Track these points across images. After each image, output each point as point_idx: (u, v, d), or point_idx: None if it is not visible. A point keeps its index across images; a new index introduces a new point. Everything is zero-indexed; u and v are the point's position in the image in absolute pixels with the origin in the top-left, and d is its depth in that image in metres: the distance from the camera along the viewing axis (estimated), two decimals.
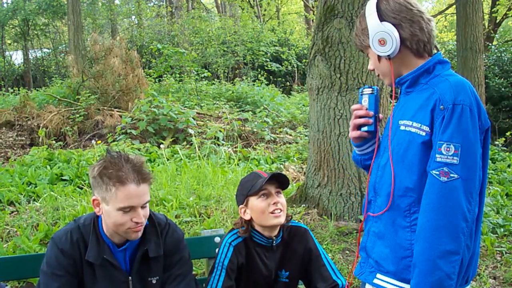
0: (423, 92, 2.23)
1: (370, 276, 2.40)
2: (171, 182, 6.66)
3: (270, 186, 2.91)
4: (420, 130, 2.16)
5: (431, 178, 2.10)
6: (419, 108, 2.20)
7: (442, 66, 2.28)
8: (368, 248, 2.43)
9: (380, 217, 2.35)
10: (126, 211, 2.49)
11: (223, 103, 14.74)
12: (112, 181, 2.46)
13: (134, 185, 2.46)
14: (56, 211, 5.71)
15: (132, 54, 14.72)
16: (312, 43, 6.02)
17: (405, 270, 2.23)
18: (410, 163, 2.19)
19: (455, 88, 2.13)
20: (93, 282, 2.63)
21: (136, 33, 28.58)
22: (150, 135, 10.93)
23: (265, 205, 2.90)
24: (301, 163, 9.18)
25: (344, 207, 5.67)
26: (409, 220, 2.22)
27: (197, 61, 20.45)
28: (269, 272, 3.02)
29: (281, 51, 23.56)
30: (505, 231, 6.32)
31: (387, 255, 2.30)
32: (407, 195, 2.22)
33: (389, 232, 2.29)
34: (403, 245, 2.23)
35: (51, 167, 8.17)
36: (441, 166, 2.07)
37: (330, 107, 5.75)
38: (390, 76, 2.33)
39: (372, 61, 2.38)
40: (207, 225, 5.24)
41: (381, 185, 2.35)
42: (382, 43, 2.23)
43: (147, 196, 2.54)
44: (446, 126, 2.08)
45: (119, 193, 2.45)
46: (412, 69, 2.28)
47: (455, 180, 2.06)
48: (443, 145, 2.07)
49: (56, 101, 14.10)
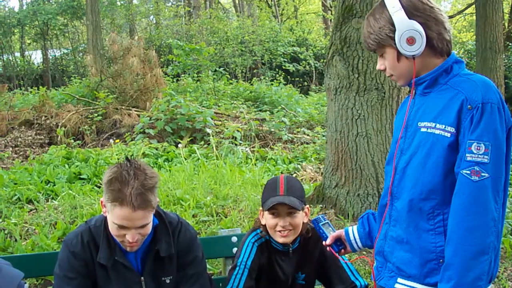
0: (443, 92, 2.20)
1: (390, 281, 2.37)
2: (188, 181, 6.67)
3: (282, 207, 2.86)
4: (445, 131, 2.13)
5: (462, 178, 2.07)
6: (443, 109, 2.16)
7: (458, 66, 2.25)
8: (386, 253, 2.40)
9: (399, 221, 2.32)
10: (119, 228, 2.47)
11: (240, 103, 14.74)
12: (111, 197, 2.43)
13: (129, 210, 2.40)
14: (74, 210, 5.74)
15: (150, 54, 14.77)
16: (330, 43, 6.00)
17: (429, 273, 2.21)
18: (434, 165, 2.16)
19: (482, 87, 2.11)
20: (107, 284, 2.64)
21: (154, 33, 28.69)
22: (168, 135, 10.96)
23: (273, 223, 2.88)
24: (318, 163, 9.15)
25: (361, 208, 5.64)
26: (433, 223, 2.19)
27: (214, 60, 20.48)
28: (286, 276, 3.01)
29: (299, 51, 23.53)
30: None
31: (408, 259, 2.27)
32: (430, 197, 2.19)
33: (411, 236, 2.26)
34: (428, 248, 2.21)
35: (69, 166, 8.22)
36: (472, 165, 2.05)
37: (348, 107, 5.73)
38: (409, 77, 2.28)
39: (389, 61, 2.30)
40: (224, 225, 5.24)
41: (400, 188, 2.31)
42: (411, 42, 2.17)
43: (143, 220, 2.47)
44: (476, 125, 2.05)
45: (115, 210, 2.43)
46: (429, 69, 2.24)
47: (486, 179, 2.05)
48: (473, 144, 2.05)
49: (74, 100, 14.19)
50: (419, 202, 2.21)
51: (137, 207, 2.40)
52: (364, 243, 2.68)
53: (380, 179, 5.65)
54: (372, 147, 5.66)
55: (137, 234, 2.48)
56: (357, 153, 5.72)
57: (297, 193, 2.90)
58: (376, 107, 5.64)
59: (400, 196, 2.31)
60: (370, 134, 5.65)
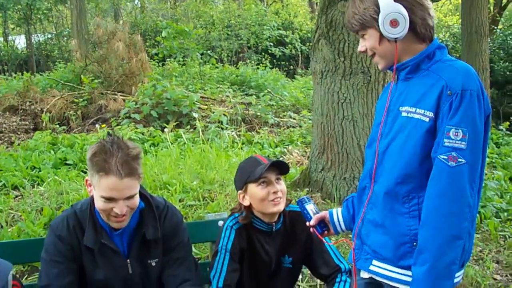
0: (425, 78, 2.21)
1: (366, 263, 2.40)
2: (174, 166, 6.66)
3: (270, 174, 2.87)
4: (424, 116, 2.14)
5: (439, 163, 2.09)
6: (423, 94, 2.18)
7: (441, 52, 2.26)
8: (363, 236, 2.42)
9: (376, 204, 2.34)
10: (107, 200, 2.47)
11: (226, 87, 14.71)
12: (97, 168, 2.43)
13: (116, 178, 2.40)
14: (60, 196, 5.73)
15: (136, 38, 14.68)
16: (316, 26, 5.99)
17: (403, 256, 2.23)
18: (412, 150, 2.17)
19: (462, 74, 2.12)
20: (94, 267, 2.65)
21: (139, 17, 28.50)
22: (153, 119, 10.93)
23: (265, 193, 2.87)
24: (304, 147, 9.18)
25: (347, 191, 5.66)
26: (408, 206, 2.21)
27: (200, 44, 20.39)
28: (269, 258, 3.01)
29: (285, 34, 23.46)
30: (509, 216, 6.32)
31: (383, 242, 2.30)
32: (406, 181, 2.20)
33: (386, 219, 2.28)
34: (402, 232, 2.23)
35: (55, 152, 8.19)
36: (449, 151, 2.06)
37: (334, 91, 5.73)
38: (390, 60, 2.28)
39: (370, 43, 2.30)
40: (211, 209, 5.25)
41: (379, 172, 2.33)
42: (394, 24, 2.17)
43: (131, 190, 2.48)
44: (455, 111, 2.06)
45: (102, 182, 2.43)
46: (411, 54, 2.25)
47: (463, 165, 2.06)
48: (451, 130, 2.06)
49: (59, 85, 14.11)
50: (396, 186, 2.23)
51: (124, 175, 2.41)
52: (348, 226, 2.70)
53: None
54: (358, 131, 5.67)
55: (125, 207, 2.48)
56: (343, 136, 5.73)
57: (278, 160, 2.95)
58: (362, 91, 5.65)
59: (378, 180, 2.33)
60: (356, 117, 5.67)
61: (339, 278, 3.04)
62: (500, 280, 4.74)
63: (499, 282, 4.68)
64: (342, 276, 3.05)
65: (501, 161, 9.34)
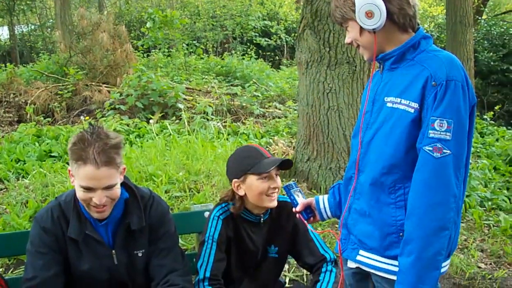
0: (410, 68, 2.21)
1: (353, 253, 2.41)
2: (160, 157, 6.65)
3: (274, 169, 2.86)
4: (409, 107, 2.14)
5: (424, 154, 2.10)
6: (408, 85, 2.18)
7: (426, 42, 2.26)
8: (349, 225, 2.43)
9: (362, 194, 2.34)
10: (86, 190, 2.46)
11: (212, 78, 14.67)
12: (75, 157, 2.43)
13: (93, 167, 2.39)
14: (45, 188, 5.70)
15: (120, 29, 14.60)
16: (301, 16, 5.99)
17: (390, 246, 2.24)
18: (397, 140, 2.18)
19: (447, 64, 2.12)
20: (79, 258, 2.64)
21: (124, 8, 28.32)
22: (139, 111, 10.88)
23: (265, 187, 2.85)
24: (290, 138, 9.18)
25: (333, 181, 5.68)
26: (394, 197, 2.22)
27: (186, 35, 20.33)
28: (256, 248, 3.02)
29: (270, 25, 23.43)
30: (493, 205, 6.39)
31: (370, 232, 2.31)
32: (392, 172, 2.21)
33: (372, 209, 2.29)
34: (388, 222, 2.24)
35: (40, 144, 8.13)
36: (434, 142, 2.07)
37: (319, 81, 5.74)
38: (372, 51, 2.28)
39: (353, 34, 2.31)
40: (197, 200, 5.25)
41: (365, 162, 2.33)
42: (370, 16, 2.16)
43: (109, 180, 2.46)
44: (440, 102, 2.07)
45: (80, 171, 2.43)
46: (395, 44, 2.25)
47: (448, 156, 2.07)
48: (436, 121, 2.06)
49: (43, 77, 14.00)
50: (381, 176, 2.23)
51: (101, 164, 2.39)
52: (334, 213, 2.71)
53: None
54: (344, 121, 5.69)
55: (104, 197, 2.47)
56: (329, 126, 5.75)
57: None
58: (347, 81, 5.66)
59: (364, 170, 2.33)
60: (341, 107, 5.68)
61: (325, 267, 3.05)
62: (485, 269, 4.79)
63: (484, 270, 4.73)
64: (328, 265, 3.06)
65: (486, 151, 9.41)
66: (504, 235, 5.48)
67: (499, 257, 5.03)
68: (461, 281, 4.52)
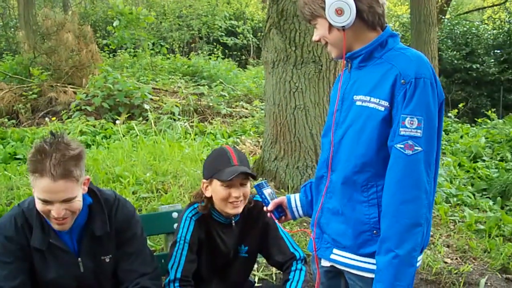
0: (378, 66, 2.22)
1: (326, 252, 2.41)
2: (127, 158, 6.60)
3: (236, 178, 2.82)
4: (379, 105, 2.15)
5: (396, 152, 2.11)
6: (377, 83, 2.18)
7: (393, 40, 2.27)
8: (322, 224, 2.42)
9: (335, 193, 2.34)
10: (44, 202, 2.40)
11: (178, 78, 14.63)
12: (32, 169, 2.36)
13: (49, 180, 2.32)
14: (10, 191, 5.61)
15: (86, 29, 14.46)
16: (267, 16, 5.99)
17: (363, 244, 2.25)
18: (368, 139, 2.18)
19: (415, 62, 2.14)
20: (44, 267, 2.58)
21: (88, 7, 28.04)
22: (105, 111, 10.80)
23: (226, 194, 2.84)
24: (257, 137, 9.21)
25: (301, 180, 5.70)
26: (367, 195, 2.23)
27: (151, 34, 20.21)
28: (228, 249, 3.01)
29: (236, 24, 23.44)
30: (458, 201, 6.48)
31: (343, 231, 2.31)
32: (364, 170, 2.21)
33: (345, 208, 2.29)
34: (362, 220, 2.24)
35: (4, 146, 8.04)
36: (405, 139, 2.08)
37: (285, 80, 5.75)
38: (340, 48, 2.28)
39: (321, 32, 2.30)
40: (165, 201, 5.22)
41: (336, 161, 2.33)
42: (339, 13, 2.16)
43: (67, 193, 2.38)
44: (409, 100, 2.08)
45: (37, 183, 2.36)
46: (364, 42, 2.25)
47: (419, 153, 2.09)
48: (406, 119, 2.08)
49: (7, 78, 13.83)
50: (353, 175, 2.23)
51: (57, 176, 2.32)
52: (306, 212, 2.70)
53: (318, 151, 5.71)
54: (310, 120, 5.71)
55: (63, 210, 2.40)
56: (296, 125, 5.76)
57: (247, 163, 2.91)
58: (314, 80, 5.68)
59: (336, 169, 2.32)
60: (308, 106, 5.70)
61: (295, 266, 3.07)
62: (451, 264, 4.85)
63: (450, 265, 4.79)
64: (298, 264, 3.08)
65: (450, 148, 9.55)
66: (469, 230, 5.56)
67: (464, 252, 5.10)
68: (428, 276, 4.57)
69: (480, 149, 9.00)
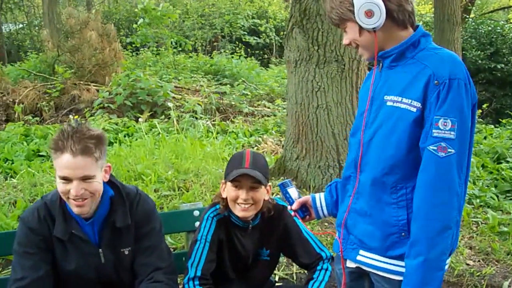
0: (410, 66, 2.19)
1: (352, 253, 2.38)
2: (149, 156, 6.63)
3: (246, 180, 2.82)
4: (411, 106, 2.12)
5: (428, 154, 2.07)
6: (409, 84, 2.15)
7: (426, 39, 2.23)
8: (349, 225, 2.39)
9: (362, 194, 2.31)
10: (64, 181, 2.46)
11: (200, 76, 14.66)
12: (53, 147, 2.44)
13: (69, 156, 2.40)
14: (33, 188, 5.67)
15: (109, 28, 14.55)
16: (290, 15, 5.99)
17: (391, 246, 2.22)
18: (399, 140, 2.15)
19: (449, 62, 2.10)
20: (65, 257, 2.63)
21: (112, 6, 28.22)
22: (127, 109, 10.86)
23: (235, 195, 2.84)
24: (279, 136, 9.20)
25: (322, 179, 5.69)
26: (396, 197, 2.19)
27: (174, 33, 20.29)
28: (247, 252, 3.00)
29: (259, 23, 23.42)
30: (481, 202, 6.41)
31: (370, 232, 2.28)
32: (393, 172, 2.18)
33: (373, 210, 2.26)
34: (390, 222, 2.21)
35: (28, 143, 8.11)
36: (439, 141, 2.05)
37: (308, 79, 5.74)
38: (372, 50, 2.24)
39: (351, 35, 2.26)
40: (186, 199, 5.24)
41: (364, 162, 2.30)
42: (369, 15, 2.13)
43: (85, 170, 2.44)
44: (443, 101, 2.04)
45: (58, 161, 2.44)
46: (395, 42, 2.22)
47: (452, 155, 2.05)
48: (440, 120, 2.04)
49: (31, 76, 13.94)
50: (382, 176, 2.21)
51: (76, 152, 2.39)
52: (330, 211, 2.68)
53: (340, 150, 5.69)
54: (333, 119, 5.69)
55: (81, 189, 2.45)
56: (318, 125, 5.75)
57: (262, 168, 2.88)
58: (336, 79, 5.67)
59: (364, 170, 2.29)
60: (330, 106, 5.68)
61: (320, 266, 3.06)
62: (473, 266, 4.81)
63: (472, 268, 4.74)
64: (324, 264, 3.06)
65: (473, 149, 9.44)
66: (492, 232, 5.50)
67: (487, 254, 5.05)
68: (450, 278, 4.53)
69: (504, 150, 8.90)
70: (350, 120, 5.63)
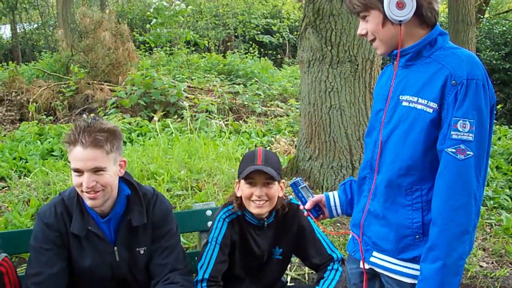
0: (426, 66, 2.14)
1: (366, 255, 2.36)
2: (162, 155, 6.64)
3: (259, 176, 2.84)
4: (427, 107, 2.07)
5: (447, 156, 2.03)
6: (425, 84, 2.10)
7: (443, 38, 2.18)
8: (363, 226, 2.37)
9: (377, 195, 2.29)
10: (77, 173, 2.50)
11: (214, 76, 14.67)
12: (67, 140, 2.50)
13: (80, 148, 2.45)
14: (47, 186, 5.70)
15: (122, 28, 14.60)
16: (303, 15, 5.98)
17: (405, 249, 2.20)
18: (415, 141, 2.11)
19: (467, 62, 2.05)
20: (81, 254, 2.65)
21: (126, 6, 28.33)
22: (141, 109, 10.89)
23: (249, 192, 2.86)
24: (292, 136, 9.18)
25: (335, 180, 5.68)
26: (411, 199, 2.17)
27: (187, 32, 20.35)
28: (262, 251, 3.01)
29: (272, 23, 23.42)
30: (495, 204, 6.37)
31: (384, 234, 2.26)
32: (409, 173, 2.15)
33: (388, 211, 2.24)
34: (404, 224, 2.18)
35: (42, 142, 8.15)
36: (457, 143, 2.00)
37: (321, 79, 5.73)
38: (390, 44, 2.20)
39: (372, 25, 2.19)
40: (199, 199, 5.24)
41: (380, 163, 2.26)
42: (400, 7, 2.07)
43: (96, 161, 2.47)
44: (461, 102, 1.99)
45: (71, 154, 2.49)
46: (414, 40, 2.17)
47: (471, 158, 2.01)
48: (459, 122, 1.99)
49: (45, 75, 14.02)
50: (398, 178, 2.17)
51: (87, 144, 2.45)
52: (345, 210, 2.65)
53: (353, 151, 5.68)
54: (346, 119, 5.68)
55: (92, 181, 2.48)
56: (331, 125, 5.74)
57: (274, 165, 2.89)
58: (349, 80, 5.65)
59: (380, 171, 2.26)
60: (343, 106, 5.67)
61: (331, 266, 3.06)
62: (486, 267, 4.78)
63: (485, 269, 4.72)
64: (334, 264, 3.07)
65: None
66: (506, 234, 5.47)
67: (500, 256, 5.02)
68: (463, 280, 4.51)
69: None
70: (363, 121, 5.61)
